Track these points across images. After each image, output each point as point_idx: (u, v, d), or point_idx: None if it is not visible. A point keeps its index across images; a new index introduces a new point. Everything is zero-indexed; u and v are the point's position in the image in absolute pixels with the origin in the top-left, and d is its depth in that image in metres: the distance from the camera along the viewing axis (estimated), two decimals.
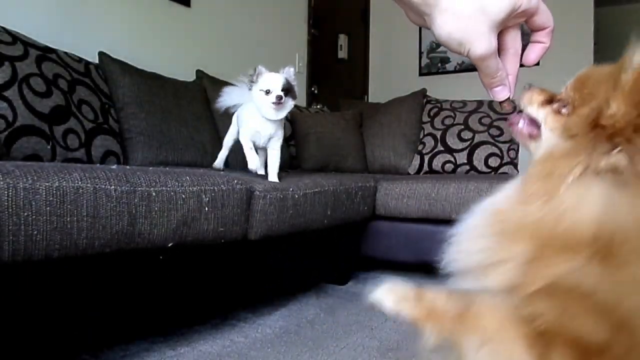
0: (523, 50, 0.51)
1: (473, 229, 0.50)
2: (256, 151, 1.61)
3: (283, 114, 1.50)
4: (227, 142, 1.79)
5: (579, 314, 0.35)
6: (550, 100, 0.49)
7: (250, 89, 1.51)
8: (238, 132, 1.67)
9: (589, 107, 0.42)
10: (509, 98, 0.50)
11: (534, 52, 0.50)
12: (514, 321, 0.39)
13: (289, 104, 1.50)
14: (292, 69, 1.53)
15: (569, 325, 0.35)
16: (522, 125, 0.52)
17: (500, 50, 0.48)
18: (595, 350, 0.34)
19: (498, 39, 0.47)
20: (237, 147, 1.67)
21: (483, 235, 0.47)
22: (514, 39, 0.49)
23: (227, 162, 1.83)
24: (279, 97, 1.44)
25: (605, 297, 0.35)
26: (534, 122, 0.51)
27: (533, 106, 0.51)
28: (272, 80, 1.47)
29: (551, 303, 0.37)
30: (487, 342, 0.39)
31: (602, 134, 0.39)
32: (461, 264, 0.49)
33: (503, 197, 0.50)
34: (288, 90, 1.49)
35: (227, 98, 1.71)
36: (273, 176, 1.52)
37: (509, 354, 0.38)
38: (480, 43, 0.44)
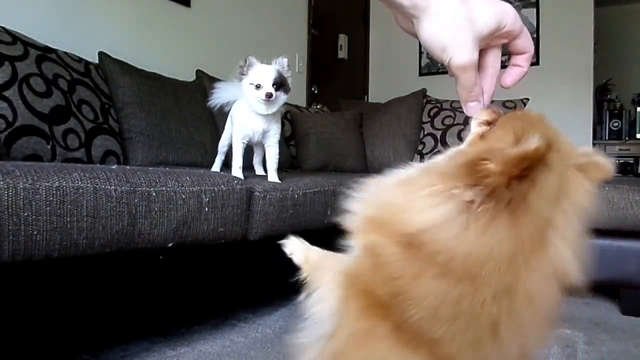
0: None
1: (363, 194, 0.59)
2: (252, 148, 1.58)
3: (274, 108, 1.43)
4: (222, 146, 1.69)
5: (377, 279, 0.47)
6: (490, 123, 0.53)
7: (240, 82, 1.43)
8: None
9: (477, 150, 0.47)
10: None
11: (510, 76, 0.52)
12: (336, 270, 0.55)
13: (281, 98, 1.42)
14: (285, 60, 1.44)
15: (371, 282, 0.48)
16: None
17: (480, 68, 0.50)
18: (382, 303, 0.47)
19: (480, 57, 0.48)
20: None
21: (362, 200, 0.57)
22: (494, 60, 0.51)
23: (225, 167, 1.72)
24: (269, 95, 1.36)
25: (387, 274, 0.46)
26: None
27: (477, 120, 0.55)
28: (263, 74, 1.38)
29: (367, 266, 0.49)
30: (321, 285, 0.57)
31: (476, 175, 0.44)
32: (348, 224, 0.59)
33: (395, 176, 0.57)
34: (280, 84, 1.40)
35: (221, 95, 1.61)
36: (273, 176, 1.50)
37: (328, 292, 0.54)
38: (463, 53, 0.46)
